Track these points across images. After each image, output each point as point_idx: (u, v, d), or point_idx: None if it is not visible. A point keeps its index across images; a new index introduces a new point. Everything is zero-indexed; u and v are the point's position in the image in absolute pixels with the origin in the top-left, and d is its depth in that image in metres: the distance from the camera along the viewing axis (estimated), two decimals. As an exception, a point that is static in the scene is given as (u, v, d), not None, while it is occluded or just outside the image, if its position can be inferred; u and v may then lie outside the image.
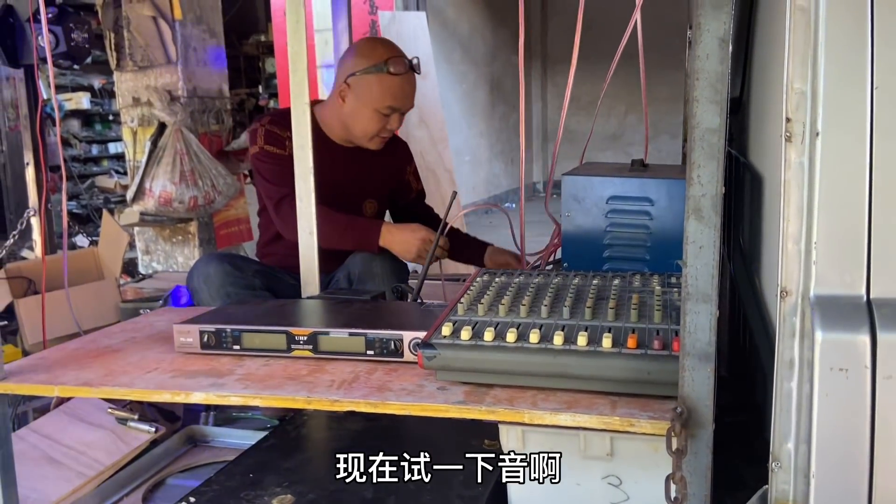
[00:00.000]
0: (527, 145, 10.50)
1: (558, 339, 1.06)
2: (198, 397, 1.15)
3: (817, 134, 0.83)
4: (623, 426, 0.99)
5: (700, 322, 0.90)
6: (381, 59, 1.93)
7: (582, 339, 1.05)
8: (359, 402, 1.09)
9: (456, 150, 6.50)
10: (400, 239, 1.89)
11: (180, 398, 1.15)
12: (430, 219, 2.28)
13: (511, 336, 1.08)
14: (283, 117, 1.97)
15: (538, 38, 10.40)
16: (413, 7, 6.25)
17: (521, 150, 1.93)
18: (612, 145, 9.35)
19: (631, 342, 1.04)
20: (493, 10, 8.80)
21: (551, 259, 2.01)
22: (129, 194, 4.17)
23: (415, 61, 1.99)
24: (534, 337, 1.08)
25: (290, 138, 1.94)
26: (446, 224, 1.77)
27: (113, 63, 4.22)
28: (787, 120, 0.84)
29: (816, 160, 0.83)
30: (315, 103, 2.09)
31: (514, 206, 9.59)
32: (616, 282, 1.31)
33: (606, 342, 1.05)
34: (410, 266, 2.15)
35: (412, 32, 5.57)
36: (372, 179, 2.14)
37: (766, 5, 0.97)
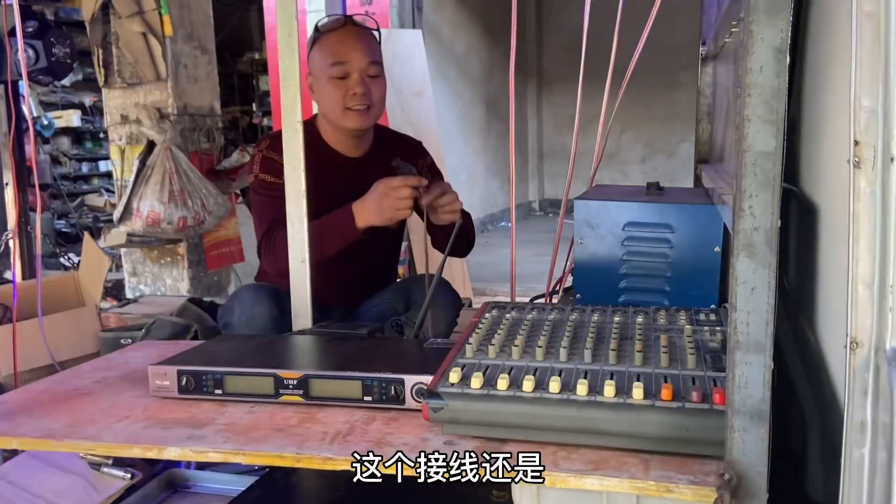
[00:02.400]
0: (522, 164, 10.47)
1: (582, 389, 0.94)
2: (172, 453, 1.01)
3: (892, 159, 0.71)
4: (659, 492, 0.86)
5: (752, 375, 0.78)
6: (314, 27, 1.81)
7: (609, 389, 0.93)
8: (351, 459, 0.96)
9: (452, 168, 6.38)
10: (370, 209, 1.65)
11: (152, 453, 1.02)
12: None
13: (528, 384, 0.96)
14: (281, 140, 1.83)
15: (533, 56, 10.34)
16: (409, 25, 6.17)
17: (511, 169, 1.81)
18: (607, 164, 9.27)
19: (665, 393, 0.92)
20: (489, 29, 8.75)
21: (559, 288, 1.89)
22: (116, 214, 4.04)
23: (358, 17, 1.83)
24: (554, 386, 0.95)
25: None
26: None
27: (101, 80, 4.11)
28: (856, 143, 0.72)
29: (892, 189, 0.71)
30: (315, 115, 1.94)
31: (509, 224, 9.49)
32: (639, 319, 1.19)
33: (637, 393, 0.92)
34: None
35: (408, 50, 5.47)
36: None
37: (819, 8, 0.86)
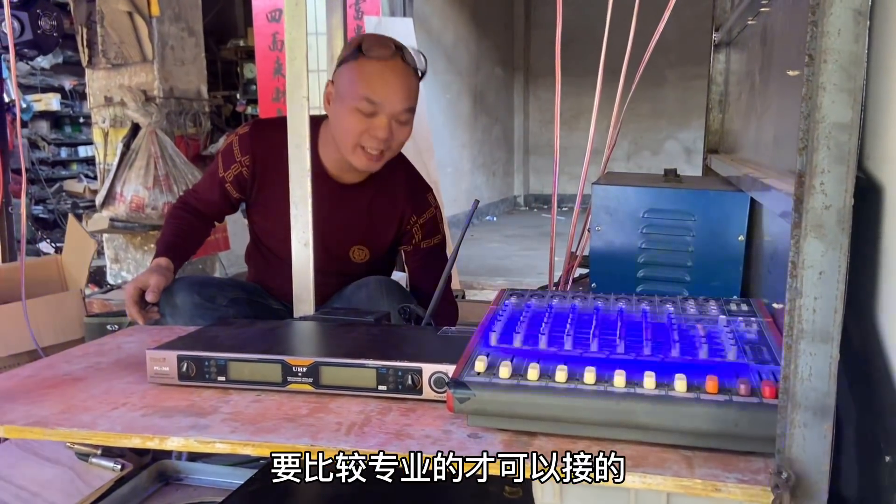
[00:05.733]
0: (508, 158, 10.41)
1: (619, 381, 0.88)
2: (175, 443, 0.94)
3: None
4: (706, 490, 0.80)
5: (817, 367, 0.72)
6: (358, 42, 1.62)
7: (649, 381, 0.87)
8: (375, 452, 0.90)
9: (438, 161, 6.32)
10: (141, 276, 1.64)
11: (153, 443, 0.95)
12: (421, 279, 1.83)
13: (561, 375, 0.90)
14: (254, 136, 1.73)
15: (521, 51, 10.29)
16: (399, 13, 6.08)
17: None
18: (593, 159, 9.25)
19: (710, 385, 0.86)
20: (477, 21, 8.68)
21: (569, 278, 1.83)
22: (99, 199, 3.93)
23: (413, 54, 1.64)
24: (589, 376, 0.89)
25: (245, 165, 1.72)
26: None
27: (84, 60, 3.99)
28: (940, 115, 0.67)
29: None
30: (323, 120, 1.74)
31: (494, 218, 9.44)
32: (669, 308, 1.13)
33: (680, 385, 0.86)
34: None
35: (400, 39, 5.39)
36: (366, 223, 1.77)
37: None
